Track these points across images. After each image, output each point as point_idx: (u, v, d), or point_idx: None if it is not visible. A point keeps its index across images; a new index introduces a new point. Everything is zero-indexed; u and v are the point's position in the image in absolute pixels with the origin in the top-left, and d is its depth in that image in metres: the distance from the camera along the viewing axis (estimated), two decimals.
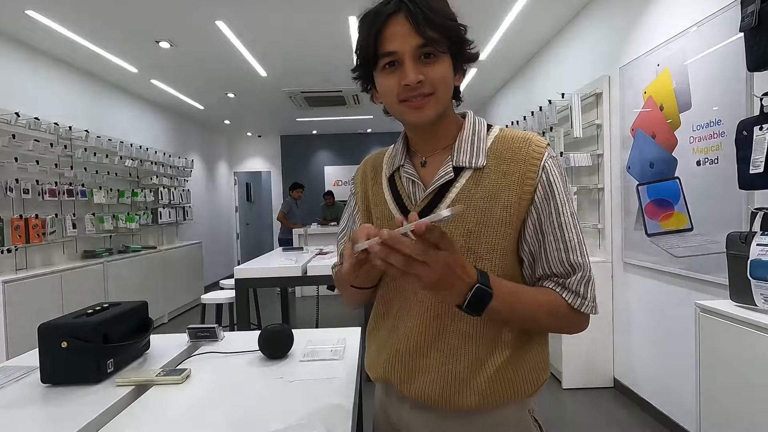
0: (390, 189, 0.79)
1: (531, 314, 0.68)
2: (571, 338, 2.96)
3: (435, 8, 0.66)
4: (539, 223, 0.69)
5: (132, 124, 5.19)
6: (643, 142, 2.56)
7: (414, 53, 0.66)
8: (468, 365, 0.71)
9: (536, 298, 0.69)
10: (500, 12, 3.33)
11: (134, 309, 1.24)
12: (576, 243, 0.69)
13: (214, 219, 7.81)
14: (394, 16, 0.66)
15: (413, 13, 0.65)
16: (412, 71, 0.66)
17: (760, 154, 1.46)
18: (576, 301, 0.68)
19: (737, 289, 1.48)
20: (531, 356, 0.74)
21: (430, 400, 0.73)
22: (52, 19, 3.19)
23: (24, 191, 3.36)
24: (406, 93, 0.67)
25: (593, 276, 0.70)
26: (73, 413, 0.89)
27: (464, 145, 0.73)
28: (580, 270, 0.69)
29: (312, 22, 3.35)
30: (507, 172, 0.70)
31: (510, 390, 0.72)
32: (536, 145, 0.71)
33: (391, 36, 0.66)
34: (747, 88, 1.82)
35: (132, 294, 4.34)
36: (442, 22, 0.66)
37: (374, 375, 0.82)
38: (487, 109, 6.20)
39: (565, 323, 0.71)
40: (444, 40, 0.67)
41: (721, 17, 1.94)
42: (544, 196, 0.69)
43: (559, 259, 0.69)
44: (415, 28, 0.65)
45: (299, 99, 5.75)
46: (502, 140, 0.74)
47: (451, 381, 0.71)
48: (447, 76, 0.69)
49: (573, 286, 0.69)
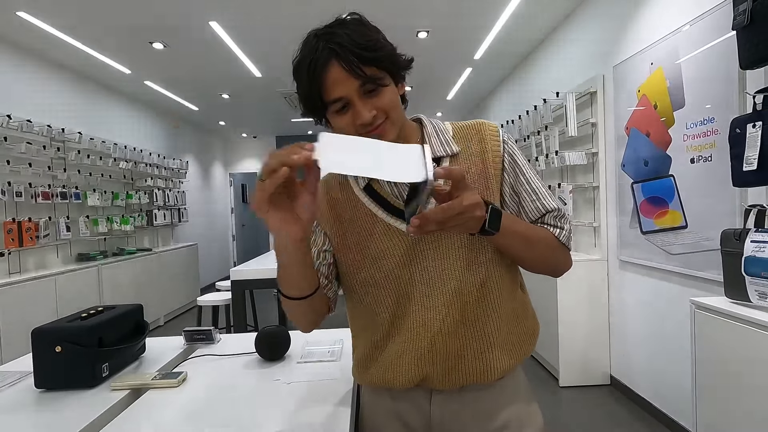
0: (369, 196, 0.80)
1: (531, 234, 0.77)
2: (568, 336, 2.98)
3: (362, 44, 0.69)
4: (512, 186, 0.81)
5: (126, 126, 5.16)
6: (637, 141, 2.57)
7: (358, 91, 0.70)
8: (495, 329, 0.79)
9: (531, 226, 0.80)
10: (494, 12, 3.33)
11: (129, 312, 1.23)
12: (544, 192, 0.81)
13: (210, 220, 7.78)
14: (327, 65, 0.68)
15: (344, 58, 0.67)
16: (364, 110, 0.70)
17: (753, 152, 1.47)
18: (556, 231, 0.80)
19: (732, 285, 1.49)
20: (530, 306, 0.88)
21: (474, 377, 0.78)
22: (43, 20, 3.17)
23: (17, 194, 3.33)
24: (364, 129, 0.71)
25: (566, 215, 0.83)
26: (68, 418, 0.88)
27: (432, 140, 0.81)
28: (553, 210, 0.80)
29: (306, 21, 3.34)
30: (476, 152, 0.80)
31: (528, 341, 0.84)
32: (490, 127, 0.82)
33: (332, 84, 0.69)
34: (739, 85, 1.83)
35: (127, 297, 4.31)
36: (372, 56, 0.69)
37: (403, 381, 0.79)
38: (481, 108, 6.21)
39: (555, 251, 0.80)
40: (380, 72, 0.71)
41: (714, 15, 1.95)
42: (510, 164, 0.81)
43: (535, 208, 0.80)
44: (350, 73, 0.68)
45: (294, 99, 5.73)
46: (459, 129, 0.83)
47: (486, 350, 0.78)
48: (394, 99, 0.73)
49: (550, 221, 0.80)
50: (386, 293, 0.79)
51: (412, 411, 0.82)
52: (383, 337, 0.81)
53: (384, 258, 0.78)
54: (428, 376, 0.78)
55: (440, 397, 0.81)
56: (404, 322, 0.79)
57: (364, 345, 0.85)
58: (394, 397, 0.84)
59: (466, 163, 0.79)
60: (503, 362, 0.79)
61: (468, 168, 0.79)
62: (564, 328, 2.98)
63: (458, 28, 3.61)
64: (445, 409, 0.81)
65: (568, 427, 2.52)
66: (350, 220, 0.81)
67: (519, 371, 0.86)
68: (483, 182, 0.79)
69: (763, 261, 1.35)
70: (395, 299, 0.79)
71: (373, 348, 0.83)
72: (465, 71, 4.85)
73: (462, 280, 0.77)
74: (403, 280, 0.78)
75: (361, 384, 0.90)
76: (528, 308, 0.87)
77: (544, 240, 0.78)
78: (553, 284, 2.99)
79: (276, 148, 8.10)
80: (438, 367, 0.77)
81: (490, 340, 0.79)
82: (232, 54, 3.96)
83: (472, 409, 0.81)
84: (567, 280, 2.98)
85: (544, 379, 3.17)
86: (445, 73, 4.91)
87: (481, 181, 0.79)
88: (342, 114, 0.72)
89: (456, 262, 0.77)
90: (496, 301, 0.79)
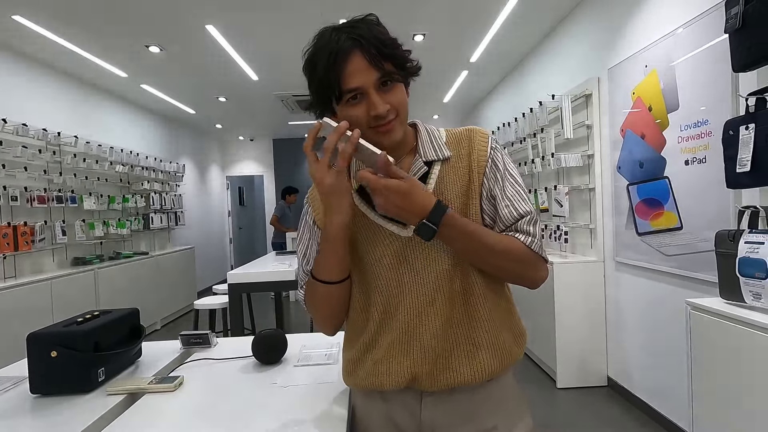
0: (361, 198, 0.83)
1: (491, 239, 0.77)
2: (565, 338, 2.98)
3: (384, 40, 0.74)
4: (490, 190, 0.82)
5: (122, 129, 5.15)
6: (632, 143, 2.59)
7: (375, 84, 0.73)
8: (484, 331, 0.80)
9: (493, 234, 0.79)
10: (490, 15, 3.35)
11: (125, 316, 1.23)
12: (519, 197, 0.81)
13: (207, 224, 7.76)
14: (350, 54, 0.72)
15: (368, 50, 0.72)
16: (380, 103, 0.73)
17: (747, 153, 1.48)
18: (527, 239, 0.78)
19: (726, 286, 1.50)
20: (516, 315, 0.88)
21: (463, 379, 0.78)
22: (39, 24, 3.16)
23: (12, 198, 3.32)
24: (376, 121, 0.75)
25: (539, 219, 0.84)
26: (64, 423, 0.88)
27: (426, 145, 0.84)
28: (527, 215, 0.80)
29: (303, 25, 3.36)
30: (464, 157, 0.83)
31: (517, 344, 0.84)
32: (481, 134, 0.85)
33: (352, 73, 0.72)
34: (733, 88, 1.84)
35: (123, 301, 4.29)
36: (391, 52, 0.74)
37: (392, 382, 0.80)
38: (477, 111, 6.23)
39: (523, 259, 0.79)
40: (397, 70, 0.76)
41: (707, 19, 1.97)
42: (491, 169, 0.82)
43: (508, 212, 0.80)
44: (371, 64, 0.72)
45: (291, 102, 5.74)
46: (452, 136, 0.86)
47: (474, 352, 0.79)
48: (404, 98, 0.78)
49: (522, 227, 0.80)
50: (376, 294, 0.81)
51: (403, 413, 0.83)
52: (372, 337, 0.82)
53: (374, 258, 0.81)
54: (417, 377, 0.79)
55: (431, 400, 0.81)
56: (393, 323, 0.80)
57: (354, 346, 0.86)
58: (386, 400, 0.84)
59: (455, 167, 0.82)
60: (492, 365, 0.80)
61: (458, 172, 0.82)
62: (561, 329, 2.99)
63: (454, 32, 3.62)
64: (436, 411, 0.81)
65: (565, 428, 2.52)
66: None
67: (509, 375, 0.87)
68: (467, 186, 0.81)
69: (757, 262, 1.36)
70: (385, 299, 0.81)
71: (363, 348, 0.84)
72: (461, 74, 4.86)
73: (450, 282, 0.79)
74: (393, 280, 0.80)
75: (350, 386, 0.90)
76: (514, 313, 0.88)
77: (508, 247, 0.77)
78: (550, 286, 3.00)
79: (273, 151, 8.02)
80: (426, 368, 0.78)
81: (477, 342, 0.79)
82: (229, 57, 3.96)
83: (463, 412, 0.81)
84: (563, 282, 2.99)
85: (541, 380, 3.17)
86: (442, 76, 4.92)
87: (465, 185, 0.81)
88: (354, 104, 0.74)
89: (445, 264, 0.79)
90: (483, 304, 0.80)
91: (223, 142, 8.63)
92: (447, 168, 0.82)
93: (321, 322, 0.87)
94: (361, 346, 0.84)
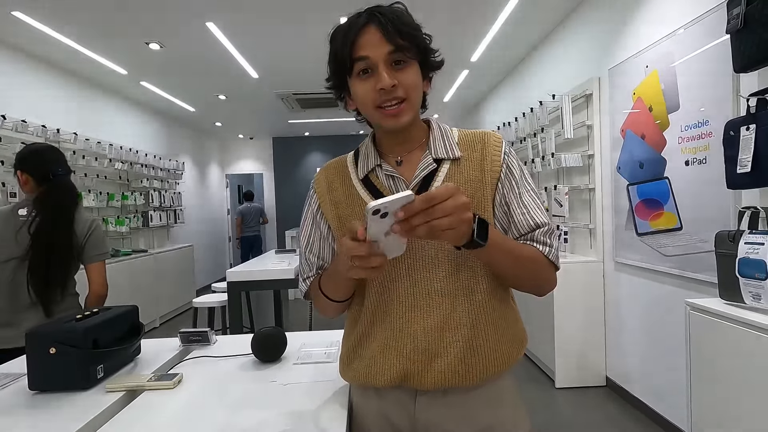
0: (366, 188, 0.83)
1: (519, 251, 0.76)
2: (564, 337, 2.98)
3: (403, 20, 0.75)
4: (504, 196, 0.81)
5: (121, 126, 5.14)
6: (632, 143, 2.59)
7: (386, 59, 0.73)
8: (483, 334, 0.79)
9: (519, 244, 0.79)
10: (491, 15, 3.35)
11: (124, 313, 1.22)
12: (534, 206, 0.80)
13: (206, 221, 7.75)
14: (366, 26, 0.73)
15: (383, 23, 0.72)
16: (386, 76, 0.72)
17: (747, 154, 1.48)
18: (544, 249, 0.79)
19: (726, 286, 1.50)
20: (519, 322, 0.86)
21: (455, 380, 0.77)
22: (39, 20, 3.15)
23: (11, 195, 3.31)
24: (382, 98, 0.74)
25: (555, 230, 0.82)
26: (62, 420, 0.87)
27: (437, 142, 0.83)
28: (543, 225, 0.80)
29: (303, 23, 3.35)
30: (477, 160, 0.81)
31: (515, 349, 0.82)
32: (495, 138, 0.83)
33: (364, 43, 0.73)
34: (734, 88, 1.84)
35: (122, 298, 4.28)
36: (409, 31, 0.74)
37: (385, 379, 0.80)
38: (478, 111, 6.22)
39: (541, 270, 0.79)
40: (412, 47, 0.74)
41: (708, 19, 1.97)
42: (506, 175, 0.81)
43: (525, 221, 0.80)
44: (385, 37, 0.72)
45: (291, 101, 5.73)
46: (465, 137, 0.85)
47: (469, 354, 0.78)
48: (417, 81, 0.77)
49: (539, 237, 0.79)
50: (371, 286, 0.82)
51: (398, 411, 0.83)
52: (366, 331, 0.83)
53: None
54: (409, 374, 0.78)
55: (424, 399, 0.81)
56: (387, 318, 0.81)
57: (350, 337, 0.87)
58: (380, 396, 0.84)
59: (466, 169, 0.81)
60: (487, 368, 0.78)
61: (467, 174, 0.80)
62: (560, 329, 2.99)
63: (455, 31, 3.62)
64: (430, 411, 0.81)
65: (563, 428, 2.53)
66: (348, 215, 0.83)
67: (506, 377, 0.85)
68: (479, 190, 0.79)
69: (757, 262, 1.36)
70: (378, 292, 0.81)
71: (358, 342, 0.84)
72: (462, 74, 4.86)
73: (449, 282, 0.78)
74: (389, 275, 0.79)
75: (345, 380, 0.90)
76: (517, 317, 0.86)
77: (531, 258, 0.77)
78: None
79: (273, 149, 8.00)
80: (418, 366, 0.78)
81: (474, 344, 0.78)
82: (229, 55, 3.95)
83: (457, 412, 0.81)
84: (563, 282, 2.99)
85: (539, 380, 3.18)
86: (442, 76, 4.89)
87: (477, 189, 0.79)
88: (363, 79, 0.75)
89: (444, 263, 0.78)
90: (483, 306, 0.79)
91: (222, 140, 8.62)
92: (456, 168, 0.81)
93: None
94: (355, 337, 0.85)
